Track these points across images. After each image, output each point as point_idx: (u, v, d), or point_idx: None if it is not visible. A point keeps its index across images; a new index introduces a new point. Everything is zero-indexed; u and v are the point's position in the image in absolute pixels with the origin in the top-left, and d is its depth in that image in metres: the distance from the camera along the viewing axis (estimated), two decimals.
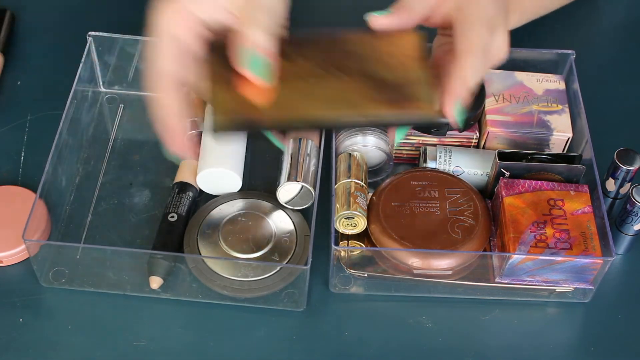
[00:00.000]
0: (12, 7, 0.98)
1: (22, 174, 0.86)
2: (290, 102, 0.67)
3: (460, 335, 0.78)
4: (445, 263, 0.78)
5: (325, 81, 0.68)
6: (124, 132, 0.89)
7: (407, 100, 0.67)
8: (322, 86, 0.68)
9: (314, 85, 0.68)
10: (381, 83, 0.68)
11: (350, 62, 0.69)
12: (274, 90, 0.67)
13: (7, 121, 0.90)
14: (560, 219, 0.78)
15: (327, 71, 0.68)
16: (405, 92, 0.68)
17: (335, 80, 0.68)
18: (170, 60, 0.68)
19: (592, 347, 0.78)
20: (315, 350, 0.77)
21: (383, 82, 0.68)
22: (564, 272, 0.77)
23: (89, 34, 0.87)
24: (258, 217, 0.81)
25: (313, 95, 0.67)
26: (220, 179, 0.82)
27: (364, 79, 0.68)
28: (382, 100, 0.67)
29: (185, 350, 0.76)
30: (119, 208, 0.84)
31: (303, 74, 0.68)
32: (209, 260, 0.78)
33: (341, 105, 0.67)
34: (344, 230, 0.80)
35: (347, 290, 0.80)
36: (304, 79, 0.68)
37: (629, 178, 0.82)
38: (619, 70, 0.98)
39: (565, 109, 0.85)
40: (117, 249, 0.78)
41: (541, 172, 0.81)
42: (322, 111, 0.67)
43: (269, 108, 0.67)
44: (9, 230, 0.79)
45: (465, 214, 0.79)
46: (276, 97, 0.67)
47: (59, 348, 0.76)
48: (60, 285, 0.79)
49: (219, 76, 0.68)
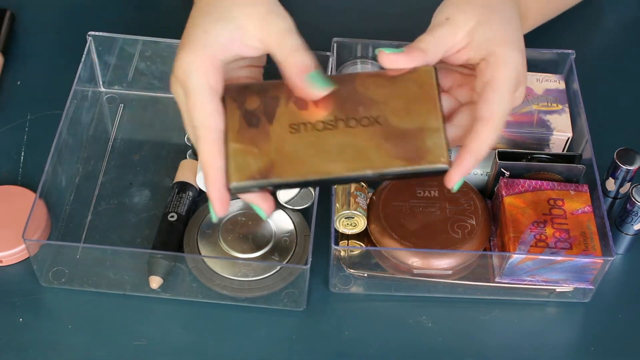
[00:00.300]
0: (12, 7, 0.98)
1: (22, 174, 0.86)
2: (305, 159, 0.66)
3: (460, 335, 0.78)
4: (445, 263, 0.78)
5: (338, 133, 0.67)
6: (124, 132, 0.89)
7: (418, 154, 0.66)
8: (336, 139, 0.66)
9: (328, 138, 0.66)
10: (393, 133, 0.67)
11: (362, 109, 0.67)
12: (287, 142, 0.66)
13: (7, 121, 0.90)
14: (560, 219, 0.78)
15: (340, 120, 0.67)
16: (417, 143, 0.66)
17: (348, 131, 0.67)
18: (212, 114, 0.66)
19: (592, 347, 0.78)
20: (315, 350, 0.77)
21: (395, 132, 0.67)
22: (564, 272, 0.77)
23: (89, 34, 0.87)
24: (258, 217, 0.81)
25: (327, 150, 0.66)
26: None
27: (377, 130, 0.67)
28: (395, 155, 0.66)
29: (185, 350, 0.76)
30: (119, 208, 0.84)
31: (317, 124, 0.67)
32: (209, 260, 0.78)
33: (356, 164, 0.66)
34: (343, 230, 0.80)
35: (347, 290, 0.80)
36: (318, 130, 0.67)
37: (629, 178, 0.82)
38: (619, 70, 0.98)
39: (565, 108, 0.85)
40: (117, 249, 0.78)
41: (541, 172, 0.81)
42: (337, 170, 0.66)
43: (283, 167, 0.66)
44: (9, 230, 0.79)
45: (465, 213, 0.79)
46: (290, 152, 0.66)
47: (59, 348, 0.76)
48: (60, 285, 0.79)
49: (234, 129, 0.67)
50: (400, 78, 0.68)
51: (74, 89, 0.84)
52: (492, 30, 0.69)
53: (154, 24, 0.97)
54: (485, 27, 0.69)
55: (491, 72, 0.68)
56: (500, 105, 0.68)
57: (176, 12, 1.00)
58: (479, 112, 0.68)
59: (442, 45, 0.69)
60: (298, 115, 0.67)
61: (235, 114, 0.67)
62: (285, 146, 0.66)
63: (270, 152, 0.66)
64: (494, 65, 0.68)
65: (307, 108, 0.67)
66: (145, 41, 0.88)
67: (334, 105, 0.67)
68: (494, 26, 0.70)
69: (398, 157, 0.66)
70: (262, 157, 0.66)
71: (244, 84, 0.69)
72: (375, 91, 0.68)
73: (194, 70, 0.66)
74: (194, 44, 0.67)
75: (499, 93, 0.68)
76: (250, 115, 0.67)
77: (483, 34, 0.69)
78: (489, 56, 0.69)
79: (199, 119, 0.66)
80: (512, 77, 0.68)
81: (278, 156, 0.66)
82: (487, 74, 0.68)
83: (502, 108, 0.68)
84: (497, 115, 0.67)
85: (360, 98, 0.68)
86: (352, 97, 0.68)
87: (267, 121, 0.67)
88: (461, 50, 0.70)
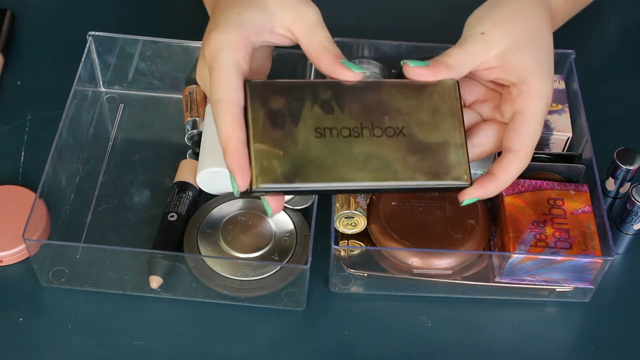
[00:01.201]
0: (12, 7, 0.99)
1: (22, 174, 0.86)
2: (331, 166, 0.66)
3: (460, 335, 0.78)
4: (445, 262, 0.78)
5: (364, 141, 0.67)
6: (124, 132, 0.89)
7: (442, 169, 0.67)
8: (362, 147, 0.66)
9: (354, 146, 0.66)
10: (418, 146, 0.67)
11: (388, 118, 0.67)
12: (313, 147, 0.66)
13: (7, 121, 0.90)
14: (560, 219, 0.78)
15: (366, 127, 0.67)
16: (441, 158, 0.67)
17: (374, 140, 0.67)
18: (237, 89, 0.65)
19: (592, 346, 0.78)
20: (315, 350, 0.77)
21: (419, 145, 0.67)
22: (564, 272, 0.77)
23: (89, 34, 0.87)
24: (258, 216, 0.81)
25: (353, 159, 0.66)
26: (220, 179, 0.82)
27: (402, 141, 0.67)
28: (420, 170, 0.66)
29: (185, 350, 0.76)
30: (119, 208, 0.84)
31: (343, 130, 0.67)
32: (209, 259, 0.78)
33: (382, 175, 0.66)
34: (343, 229, 0.80)
35: (347, 289, 0.80)
36: (343, 137, 0.67)
37: (629, 177, 0.82)
38: (619, 70, 0.98)
39: (565, 108, 0.85)
40: (117, 249, 0.78)
41: (541, 172, 0.81)
42: (363, 179, 0.66)
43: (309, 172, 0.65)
44: (9, 230, 0.80)
45: (465, 213, 0.79)
46: (316, 158, 0.66)
47: (59, 347, 0.76)
48: (60, 285, 0.79)
49: (258, 128, 0.66)
50: (424, 90, 0.68)
51: (74, 89, 0.84)
52: (528, 58, 0.69)
53: (154, 24, 0.98)
54: (522, 53, 0.69)
55: (523, 101, 0.68)
56: (531, 138, 0.68)
57: (176, 12, 1.01)
58: (509, 144, 0.68)
59: (472, 62, 0.69)
60: (324, 119, 0.67)
61: (260, 112, 0.66)
62: (310, 151, 0.66)
63: (296, 156, 0.65)
64: (526, 94, 0.68)
65: (332, 112, 0.67)
66: (146, 41, 0.88)
67: (359, 112, 0.67)
68: (530, 54, 0.69)
69: (422, 171, 0.66)
70: (288, 160, 0.65)
71: (266, 82, 0.68)
72: (400, 101, 0.68)
73: (225, 47, 0.66)
74: (228, 24, 0.67)
75: (530, 125, 0.68)
76: (275, 115, 0.66)
77: (518, 60, 0.69)
78: (522, 84, 0.68)
79: (222, 93, 0.65)
80: (544, 108, 0.69)
81: (304, 161, 0.65)
82: (518, 103, 0.68)
83: (532, 141, 0.68)
84: (527, 148, 0.68)
85: (385, 107, 0.68)
86: (378, 105, 0.68)
87: (293, 123, 0.66)
88: (492, 69, 0.70)
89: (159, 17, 1.00)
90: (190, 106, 0.88)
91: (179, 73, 0.91)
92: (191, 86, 0.89)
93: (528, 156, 0.69)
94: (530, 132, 0.68)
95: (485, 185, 0.68)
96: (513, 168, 0.68)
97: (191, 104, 0.88)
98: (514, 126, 0.69)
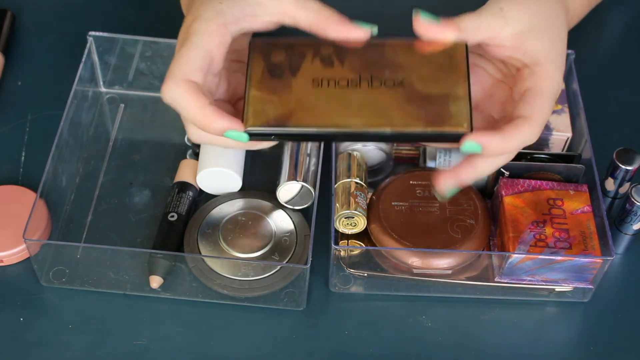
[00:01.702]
0: (12, 7, 0.99)
1: (22, 174, 0.86)
2: (324, 111, 0.66)
3: (459, 335, 0.78)
4: (445, 262, 0.78)
5: (361, 91, 0.67)
6: (124, 132, 0.89)
7: (440, 117, 0.66)
8: (358, 96, 0.67)
9: (350, 94, 0.67)
10: (417, 96, 0.67)
11: (388, 71, 0.68)
12: (308, 95, 0.67)
13: (7, 121, 0.90)
14: (559, 219, 0.78)
15: (365, 79, 0.67)
16: (440, 108, 0.66)
17: (371, 90, 0.67)
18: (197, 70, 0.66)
19: (592, 346, 0.78)
20: (315, 349, 0.77)
21: (419, 95, 0.67)
22: (564, 272, 0.77)
23: (89, 34, 0.87)
24: (258, 216, 0.81)
25: (348, 105, 0.67)
26: (220, 178, 0.82)
27: (400, 91, 0.67)
28: (416, 117, 0.66)
29: (185, 350, 0.76)
30: (119, 208, 0.84)
31: (340, 80, 0.67)
32: (209, 259, 0.78)
33: (376, 121, 0.66)
34: (343, 229, 0.80)
35: (347, 289, 0.80)
36: (340, 87, 0.67)
37: (629, 178, 0.82)
38: (619, 70, 0.98)
39: (564, 108, 0.85)
40: (117, 249, 0.78)
41: (541, 172, 0.81)
42: (355, 124, 0.66)
43: (301, 116, 0.66)
44: (9, 230, 0.80)
45: (465, 213, 0.79)
46: (310, 103, 0.67)
47: (59, 347, 0.76)
48: (61, 285, 0.79)
49: (256, 78, 0.68)
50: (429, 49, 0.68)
51: (74, 89, 0.84)
52: (545, 43, 0.69)
53: (154, 24, 0.97)
54: (539, 38, 0.68)
55: (535, 81, 0.68)
56: (542, 111, 0.67)
57: (176, 12, 1.00)
58: (519, 112, 0.67)
59: (485, 32, 0.68)
60: (322, 71, 0.68)
61: (260, 64, 0.68)
62: (305, 98, 0.67)
63: (289, 102, 0.67)
64: (539, 75, 0.68)
65: (332, 66, 0.68)
66: (146, 41, 0.88)
67: (360, 66, 0.68)
68: (546, 40, 0.69)
69: (419, 118, 0.66)
70: (281, 105, 0.67)
71: (271, 40, 0.69)
72: (403, 57, 0.68)
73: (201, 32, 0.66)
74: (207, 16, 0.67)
75: (542, 99, 0.67)
76: (274, 67, 0.68)
77: (534, 45, 0.68)
78: (535, 66, 0.68)
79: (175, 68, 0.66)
80: (555, 92, 0.68)
81: (297, 106, 0.67)
82: (530, 81, 0.68)
83: (543, 113, 0.67)
84: (539, 117, 0.66)
85: (387, 62, 0.68)
86: (380, 60, 0.68)
87: (291, 74, 0.68)
88: (505, 48, 0.69)
89: (159, 17, 1.00)
90: None
91: None
92: None
93: (538, 126, 0.66)
94: (541, 105, 0.67)
95: (490, 134, 0.65)
96: (522, 131, 0.66)
97: None
98: (526, 99, 0.67)
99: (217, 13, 0.67)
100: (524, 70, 0.69)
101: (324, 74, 0.68)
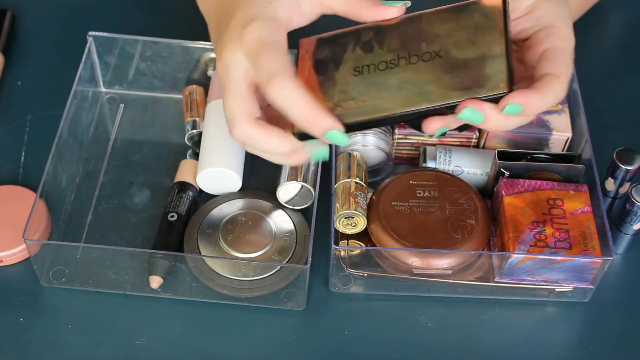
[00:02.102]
0: (12, 7, 0.99)
1: (22, 174, 0.86)
2: (364, 100, 0.67)
3: (460, 335, 0.78)
4: (445, 262, 0.78)
5: (400, 70, 0.67)
6: (124, 132, 0.89)
7: (477, 82, 0.66)
8: (397, 77, 0.67)
9: (389, 77, 0.67)
10: (453, 64, 0.67)
11: (425, 45, 0.68)
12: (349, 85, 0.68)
13: (7, 121, 0.90)
14: (559, 219, 0.78)
15: (403, 58, 0.68)
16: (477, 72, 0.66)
17: (409, 68, 0.67)
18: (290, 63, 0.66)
19: (592, 346, 0.78)
20: (315, 350, 0.77)
21: (455, 63, 0.67)
22: (564, 272, 0.77)
23: (89, 34, 0.87)
24: (258, 216, 0.81)
25: (386, 89, 0.67)
26: (220, 178, 0.82)
27: (437, 63, 0.67)
28: (453, 87, 0.66)
29: (185, 350, 0.76)
30: (119, 208, 0.84)
31: (379, 64, 0.68)
32: (209, 259, 0.78)
33: (412, 99, 0.66)
34: (343, 229, 0.80)
35: (347, 289, 0.80)
36: (379, 70, 0.68)
37: (629, 178, 0.82)
38: (619, 70, 0.98)
39: (564, 108, 0.85)
40: (117, 249, 0.78)
41: (541, 172, 0.81)
42: (393, 107, 0.67)
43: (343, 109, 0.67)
44: (9, 230, 0.80)
45: (465, 213, 0.79)
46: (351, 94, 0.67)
47: (59, 347, 0.76)
48: (61, 285, 0.79)
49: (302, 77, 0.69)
50: (466, 9, 0.68)
51: (74, 89, 0.84)
52: (557, 9, 0.70)
53: (154, 24, 0.98)
54: (551, 4, 0.70)
55: (555, 40, 0.69)
56: (567, 66, 0.67)
57: (176, 12, 1.01)
58: (545, 70, 0.67)
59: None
60: (362, 58, 0.69)
61: (306, 64, 0.69)
62: (347, 89, 0.68)
63: (333, 97, 0.68)
64: (556, 36, 0.69)
65: (372, 50, 0.69)
66: (146, 41, 0.88)
67: (398, 45, 0.69)
68: (558, 6, 0.71)
69: (456, 88, 0.66)
70: (325, 101, 0.67)
71: (316, 37, 0.71)
72: (440, 26, 0.69)
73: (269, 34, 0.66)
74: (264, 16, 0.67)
75: (565, 56, 0.68)
76: (319, 64, 0.69)
77: (547, 10, 0.70)
78: (551, 28, 0.69)
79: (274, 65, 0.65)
80: (571, 53, 0.69)
81: (340, 100, 0.67)
82: (547, 42, 0.69)
83: (569, 69, 0.68)
84: (565, 73, 0.67)
85: (424, 35, 0.69)
86: (417, 35, 0.69)
87: (334, 68, 0.69)
88: (519, 19, 0.70)
89: (159, 17, 1.00)
90: (191, 106, 0.88)
91: (179, 73, 0.91)
92: (191, 86, 0.89)
93: (566, 82, 0.67)
94: (565, 62, 0.68)
95: (528, 93, 0.65)
96: (555, 87, 0.66)
97: (191, 104, 0.88)
98: (548, 57, 0.68)
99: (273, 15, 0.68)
100: (538, 34, 0.70)
101: (364, 61, 0.69)
